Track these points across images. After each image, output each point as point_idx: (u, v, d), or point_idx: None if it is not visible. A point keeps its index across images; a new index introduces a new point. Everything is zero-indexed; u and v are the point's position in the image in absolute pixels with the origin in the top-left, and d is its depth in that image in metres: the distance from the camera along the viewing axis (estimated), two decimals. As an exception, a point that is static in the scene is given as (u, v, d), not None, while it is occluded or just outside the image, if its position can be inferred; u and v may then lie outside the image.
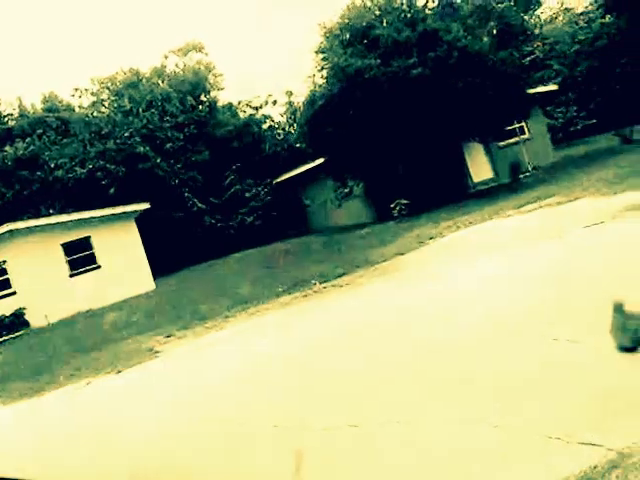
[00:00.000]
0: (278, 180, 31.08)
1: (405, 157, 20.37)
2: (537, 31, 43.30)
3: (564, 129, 34.05)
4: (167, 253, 26.93)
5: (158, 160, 27.35)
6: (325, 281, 12.52)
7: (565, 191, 14.67)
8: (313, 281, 12.72)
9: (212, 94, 33.92)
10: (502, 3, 48.21)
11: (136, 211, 21.57)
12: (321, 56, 21.37)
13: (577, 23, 39.90)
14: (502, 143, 24.09)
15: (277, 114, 35.46)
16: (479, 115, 18.17)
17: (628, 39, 34.30)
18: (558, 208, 12.74)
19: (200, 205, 29.32)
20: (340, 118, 19.33)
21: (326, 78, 21.17)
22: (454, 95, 17.94)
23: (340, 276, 12.63)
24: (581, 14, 41.25)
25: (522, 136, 24.40)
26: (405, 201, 18.73)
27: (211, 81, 34.11)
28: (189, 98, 30.30)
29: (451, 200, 19.76)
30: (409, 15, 20.51)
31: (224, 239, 29.44)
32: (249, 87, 57.93)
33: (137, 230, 21.62)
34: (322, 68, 21.20)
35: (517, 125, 23.92)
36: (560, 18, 46.53)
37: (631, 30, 34.54)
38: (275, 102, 33.94)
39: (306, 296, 11.57)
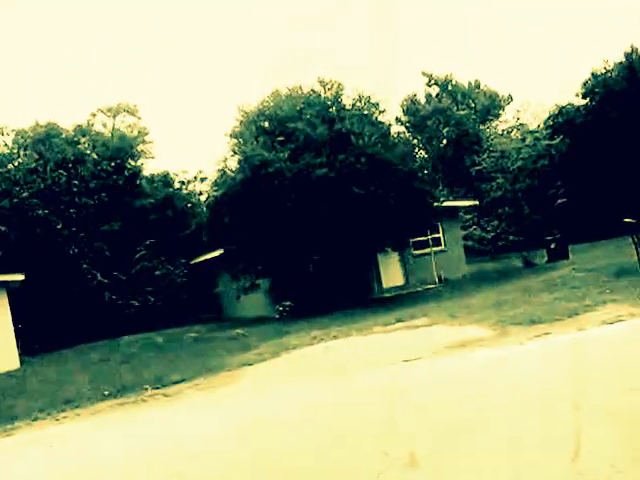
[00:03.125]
0: (196, 261, 30.82)
1: (313, 256, 20.47)
2: (490, 143, 45.29)
3: (494, 242, 35.04)
4: (56, 329, 26.04)
5: (59, 226, 26.87)
6: (158, 387, 12.10)
7: (437, 312, 15.23)
8: (146, 386, 12.27)
9: (139, 161, 34.02)
10: (463, 110, 51.01)
11: (7, 282, 20.85)
12: (234, 141, 21.72)
13: (524, 140, 41.92)
14: (416, 252, 24.52)
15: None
16: (380, 224, 18.45)
17: (567, 164, 36.25)
18: (414, 332, 13.04)
19: (101, 279, 28.68)
20: (240, 210, 19.41)
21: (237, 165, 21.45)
22: (356, 201, 18.25)
23: (176, 383, 12.22)
24: (530, 132, 43.45)
25: (437, 247, 24.90)
26: (288, 303, 18.58)
27: (139, 148, 34.30)
28: (105, 163, 30.25)
29: (351, 305, 19.99)
30: (330, 112, 21.08)
31: (123, 318, 28.68)
32: (187, 159, 58.59)
33: (7, 303, 20.79)
34: (234, 153, 21.49)
35: (432, 236, 24.45)
36: (514, 133, 48.98)
37: (571, 155, 36.62)
38: (204, 179, 34.15)
39: (122, 405, 11.13)
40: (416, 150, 48.23)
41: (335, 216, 18.45)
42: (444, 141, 47.34)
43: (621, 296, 13.01)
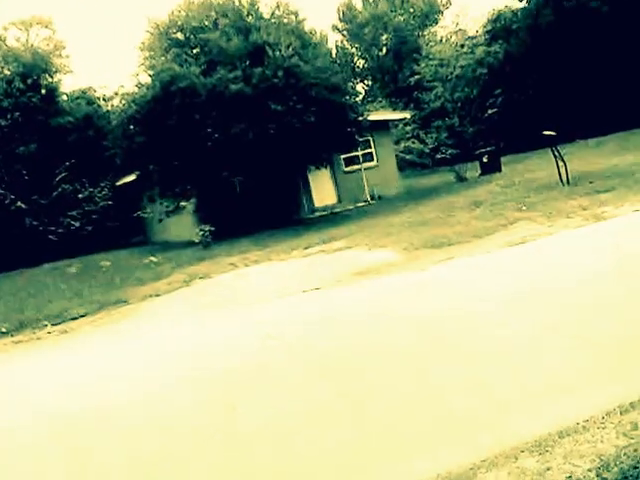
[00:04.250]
0: (119, 183, 29.60)
1: (236, 176, 19.77)
2: (428, 50, 44.08)
3: (433, 155, 34.68)
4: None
5: (-30, 148, 25.27)
6: (58, 323, 11.63)
7: (357, 233, 15.15)
8: (45, 322, 11.76)
9: (56, 77, 31.94)
10: (401, 16, 49.31)
11: None
12: (146, 54, 20.35)
13: (463, 46, 40.93)
14: (348, 169, 24.03)
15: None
16: (299, 142, 17.79)
17: (504, 71, 35.64)
18: (326, 257, 12.89)
19: (20, 204, 27.41)
20: (153, 129, 18.39)
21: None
22: (274, 118, 17.47)
23: (77, 318, 11.77)
24: (468, 38, 42.38)
25: (369, 163, 24.43)
26: (208, 227, 18.03)
27: (56, 62, 32.13)
28: (18, 79, 28.26)
29: (278, 225, 19.68)
30: (246, 22, 19.83)
31: (45, 245, 27.70)
32: (108, 75, 55.57)
33: None
34: (146, 68, 20.16)
35: (362, 152, 23.89)
36: (453, 39, 47.75)
37: (508, 61, 35.94)
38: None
39: (17, 343, 10.64)
40: (353, 60, 47.05)
41: (254, 135, 17.66)
42: (383, 49, 45.92)
43: (536, 213, 13.04)
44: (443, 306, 7.22)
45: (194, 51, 19.00)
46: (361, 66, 46.81)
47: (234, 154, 18.37)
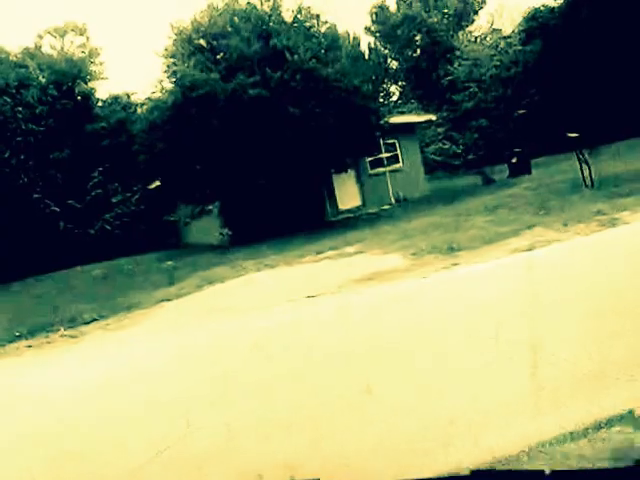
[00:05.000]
0: (152, 186, 30.12)
1: (258, 181, 19.88)
2: (463, 50, 43.51)
3: (465, 156, 34.22)
4: (10, 261, 25.74)
5: (6, 155, 26.04)
6: (71, 327, 11.91)
7: (373, 238, 15.27)
8: (58, 326, 12.05)
9: (90, 84, 32.69)
10: (435, 16, 48.79)
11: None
12: (171, 60, 20.64)
13: (497, 46, 40.34)
14: (372, 171, 23.91)
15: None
16: (318, 145, 17.79)
17: (540, 70, 34.90)
18: (337, 262, 13.05)
19: (54, 208, 28.13)
20: (174, 134, 18.65)
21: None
22: (293, 122, 17.51)
23: (89, 322, 12.02)
24: (504, 38, 41.72)
25: (395, 165, 24.27)
26: (226, 230, 18.21)
27: (90, 69, 32.89)
28: (52, 87, 29.00)
29: (299, 229, 19.71)
30: (267, 27, 19.93)
31: (81, 247, 28.35)
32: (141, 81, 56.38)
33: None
34: (170, 74, 20.47)
35: (388, 154, 23.73)
36: (488, 39, 47.01)
37: (545, 59, 35.17)
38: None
39: (29, 347, 10.94)
40: (387, 61, 46.74)
41: (273, 138, 17.75)
42: (417, 51, 45.55)
43: (552, 218, 12.77)
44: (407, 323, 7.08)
45: (216, 57, 19.15)
46: (395, 67, 46.48)
47: (254, 158, 18.49)
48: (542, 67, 34.85)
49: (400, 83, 46.60)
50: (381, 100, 44.85)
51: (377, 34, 45.27)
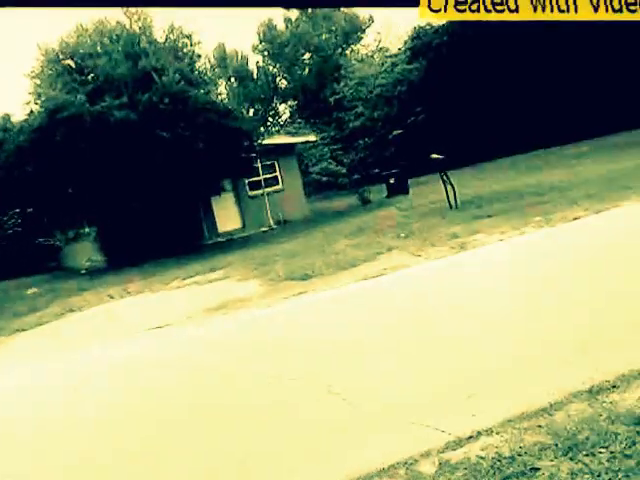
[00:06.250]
0: (30, 210, 28.88)
1: (130, 204, 19.55)
2: (349, 69, 44.56)
3: (350, 175, 34.91)
4: None
5: None
6: None
7: (239, 262, 15.41)
8: None
9: None
10: (323, 35, 49.73)
11: None
12: (37, 82, 20.01)
13: (383, 64, 41.49)
14: (252, 193, 24.06)
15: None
16: (189, 169, 17.77)
17: (424, 89, 36.17)
18: (196, 289, 13.08)
19: None
20: (42, 158, 18.11)
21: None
22: (162, 146, 17.41)
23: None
24: (390, 56, 42.98)
25: (274, 187, 24.53)
26: (97, 257, 17.85)
27: None
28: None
29: (173, 253, 19.56)
30: (137, 47, 19.70)
31: None
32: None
33: None
34: (36, 96, 19.85)
35: (266, 175, 23.95)
36: (375, 57, 48.36)
37: (429, 78, 36.48)
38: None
39: None
40: (275, 80, 47.21)
41: (143, 161, 17.56)
42: (306, 69, 46.32)
43: (410, 241, 13.29)
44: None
45: (84, 78, 18.75)
46: (284, 86, 47.02)
47: (126, 181, 18.22)
48: (426, 86, 36.19)
49: (289, 102, 47.21)
50: (270, 119, 45.39)
51: (265, 53, 45.70)
